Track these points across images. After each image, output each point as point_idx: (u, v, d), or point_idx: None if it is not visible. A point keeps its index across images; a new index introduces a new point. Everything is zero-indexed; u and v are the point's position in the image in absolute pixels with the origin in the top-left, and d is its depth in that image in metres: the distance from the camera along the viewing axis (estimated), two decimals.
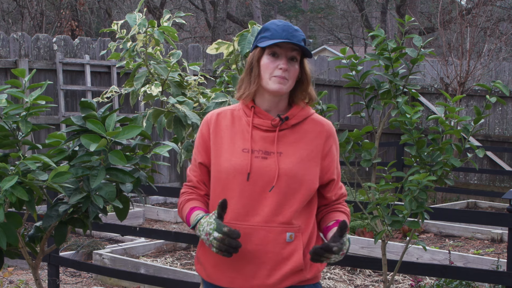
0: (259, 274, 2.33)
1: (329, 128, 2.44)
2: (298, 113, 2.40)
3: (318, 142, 2.40)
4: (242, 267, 2.34)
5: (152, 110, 3.69)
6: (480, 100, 11.47)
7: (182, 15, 3.83)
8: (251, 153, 2.35)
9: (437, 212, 3.98)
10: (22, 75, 2.81)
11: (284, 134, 2.38)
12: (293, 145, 2.37)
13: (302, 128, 2.40)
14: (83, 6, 17.07)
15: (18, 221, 2.68)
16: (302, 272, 2.36)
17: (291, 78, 2.34)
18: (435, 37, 14.51)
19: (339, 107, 11.91)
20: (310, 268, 2.39)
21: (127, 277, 5.10)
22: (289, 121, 2.38)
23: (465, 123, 3.51)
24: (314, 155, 2.38)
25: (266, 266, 2.32)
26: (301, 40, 2.33)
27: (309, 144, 2.38)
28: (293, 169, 2.33)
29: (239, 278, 2.35)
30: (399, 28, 3.82)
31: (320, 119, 2.46)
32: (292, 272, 2.34)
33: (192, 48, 10.40)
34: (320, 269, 2.44)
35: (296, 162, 2.35)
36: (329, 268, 6.23)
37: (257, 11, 23.42)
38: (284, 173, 2.32)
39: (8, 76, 8.47)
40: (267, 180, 2.32)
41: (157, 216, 8.83)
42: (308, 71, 2.39)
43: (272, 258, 2.32)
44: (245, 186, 2.33)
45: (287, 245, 2.33)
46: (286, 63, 2.31)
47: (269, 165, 2.34)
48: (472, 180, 11.65)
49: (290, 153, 2.36)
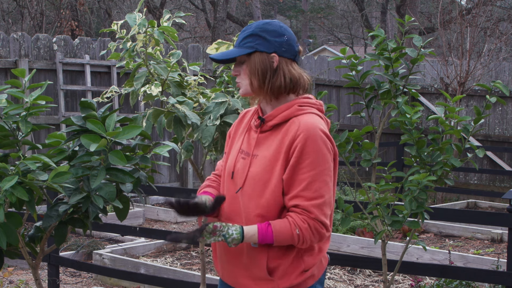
0: (236, 273, 2.39)
1: (299, 129, 2.26)
2: (279, 114, 2.33)
3: (286, 143, 2.28)
4: (226, 265, 2.43)
5: (152, 110, 3.69)
6: (480, 100, 11.47)
7: (182, 15, 3.83)
8: (239, 153, 2.42)
9: (437, 212, 3.98)
10: (22, 75, 2.81)
11: (265, 136, 2.37)
12: (268, 148, 2.33)
13: (282, 130, 2.32)
14: (83, 6, 17.07)
15: (18, 221, 2.68)
16: (270, 281, 2.31)
17: (243, 79, 2.37)
18: (435, 37, 14.51)
19: (339, 107, 11.91)
20: (283, 279, 2.31)
21: (127, 277, 5.10)
22: (268, 123, 2.36)
23: (465, 123, 3.51)
24: (281, 157, 2.28)
25: (240, 266, 2.37)
26: (240, 41, 2.35)
27: (279, 147, 2.30)
28: (260, 173, 2.31)
29: (226, 274, 2.45)
30: (399, 28, 3.82)
31: (301, 120, 2.30)
32: (259, 277, 2.32)
33: (192, 48, 10.40)
34: (298, 280, 2.32)
35: (264, 166, 2.31)
36: (329, 268, 6.23)
37: (257, 11, 23.41)
38: (251, 177, 2.33)
39: (8, 76, 8.47)
40: (239, 181, 2.37)
41: (157, 216, 8.83)
42: (256, 63, 2.31)
43: (245, 260, 2.35)
44: (228, 184, 2.42)
45: (253, 249, 2.32)
46: (235, 69, 2.40)
47: (243, 167, 2.37)
48: (472, 180, 11.65)
49: (263, 155, 2.33)
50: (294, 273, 2.32)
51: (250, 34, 2.34)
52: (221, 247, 2.43)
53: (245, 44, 2.33)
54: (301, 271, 2.32)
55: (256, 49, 2.32)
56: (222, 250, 2.43)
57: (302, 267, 2.33)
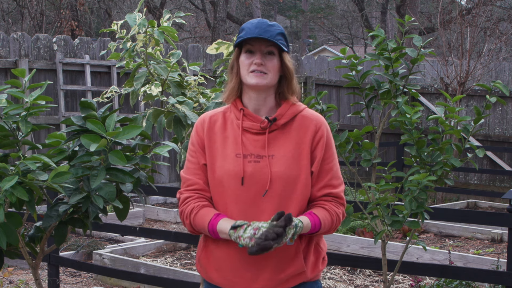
0: (261, 278, 2.33)
1: (317, 122, 2.40)
2: (286, 112, 2.39)
3: (308, 137, 2.37)
4: (243, 272, 2.34)
5: (152, 110, 3.69)
6: (480, 100, 11.47)
7: (182, 15, 3.83)
8: (244, 158, 2.34)
9: (437, 212, 3.98)
10: (22, 75, 2.81)
11: (274, 136, 2.37)
12: (284, 146, 2.35)
13: (292, 127, 2.38)
14: (83, 6, 17.07)
15: (18, 221, 2.68)
16: (304, 273, 2.37)
17: (270, 71, 2.34)
18: (435, 37, 14.51)
19: (339, 107, 11.91)
20: (312, 269, 2.40)
21: (127, 277, 5.10)
22: (278, 122, 2.37)
23: (465, 123, 3.51)
24: (305, 152, 2.35)
25: (267, 270, 2.32)
26: (275, 35, 2.34)
27: (299, 143, 2.36)
28: (286, 172, 2.32)
29: (241, 282, 2.35)
30: (399, 28, 3.82)
31: (309, 114, 2.42)
32: (293, 274, 2.35)
33: (192, 48, 10.40)
34: (321, 268, 2.44)
35: (288, 164, 2.33)
36: (329, 268, 6.23)
37: (257, 11, 23.42)
38: (277, 177, 2.31)
39: (8, 76, 8.47)
40: (261, 184, 2.31)
41: (157, 216, 8.83)
42: (289, 64, 2.38)
43: (273, 262, 2.32)
44: (240, 191, 2.32)
45: (288, 248, 2.33)
46: (260, 57, 2.34)
47: (262, 169, 2.32)
48: (472, 180, 11.65)
49: (281, 154, 2.34)
50: (318, 261, 2.42)
51: (281, 32, 2.38)
52: (231, 256, 2.34)
53: (279, 41, 2.35)
54: (321, 259, 2.44)
55: (288, 49, 2.40)
56: (233, 258, 2.34)
57: (322, 255, 2.45)
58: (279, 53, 2.37)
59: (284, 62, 2.37)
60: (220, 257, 2.38)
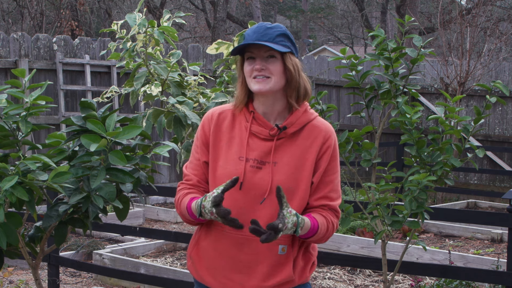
0: (250, 283, 2.34)
1: (326, 133, 2.37)
2: (297, 121, 2.35)
3: (315, 147, 2.34)
4: (233, 275, 2.35)
5: (152, 110, 3.69)
6: (480, 100, 11.47)
7: (182, 15, 3.83)
8: (246, 162, 2.32)
9: (437, 212, 3.98)
10: (22, 75, 2.81)
11: (282, 143, 2.35)
12: (289, 155, 2.33)
13: (300, 135, 2.36)
14: (83, 6, 17.07)
15: (18, 221, 2.68)
16: (292, 282, 2.37)
17: (274, 75, 2.30)
18: (435, 37, 14.51)
19: (339, 107, 11.91)
20: (300, 275, 2.39)
21: (127, 277, 5.10)
22: (287, 130, 2.34)
23: (465, 123, 3.51)
24: (309, 162, 2.33)
25: (256, 276, 2.33)
26: (274, 37, 2.30)
27: (304, 152, 2.33)
28: (286, 182, 2.30)
29: (230, 285, 2.36)
30: (399, 28, 3.82)
31: (319, 124, 2.39)
32: (281, 282, 2.35)
33: (192, 48, 10.40)
34: (309, 274, 2.44)
35: (290, 173, 2.31)
36: (329, 268, 6.23)
37: (257, 11, 23.42)
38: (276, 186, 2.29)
39: (8, 76, 8.47)
40: (259, 191, 2.30)
41: (157, 216, 8.83)
42: (290, 66, 2.32)
43: (263, 269, 2.33)
44: (238, 195, 2.31)
45: (279, 257, 2.33)
46: (261, 62, 2.30)
47: (263, 176, 2.31)
48: (472, 180, 11.65)
49: (284, 163, 2.32)
50: (307, 266, 2.42)
51: (282, 33, 2.33)
52: (223, 256, 2.36)
53: (280, 42, 2.31)
54: (311, 265, 2.43)
55: (291, 50, 2.34)
56: (225, 259, 2.36)
57: (312, 260, 2.44)
58: (282, 55, 2.33)
59: (286, 65, 2.32)
60: (211, 256, 2.39)
